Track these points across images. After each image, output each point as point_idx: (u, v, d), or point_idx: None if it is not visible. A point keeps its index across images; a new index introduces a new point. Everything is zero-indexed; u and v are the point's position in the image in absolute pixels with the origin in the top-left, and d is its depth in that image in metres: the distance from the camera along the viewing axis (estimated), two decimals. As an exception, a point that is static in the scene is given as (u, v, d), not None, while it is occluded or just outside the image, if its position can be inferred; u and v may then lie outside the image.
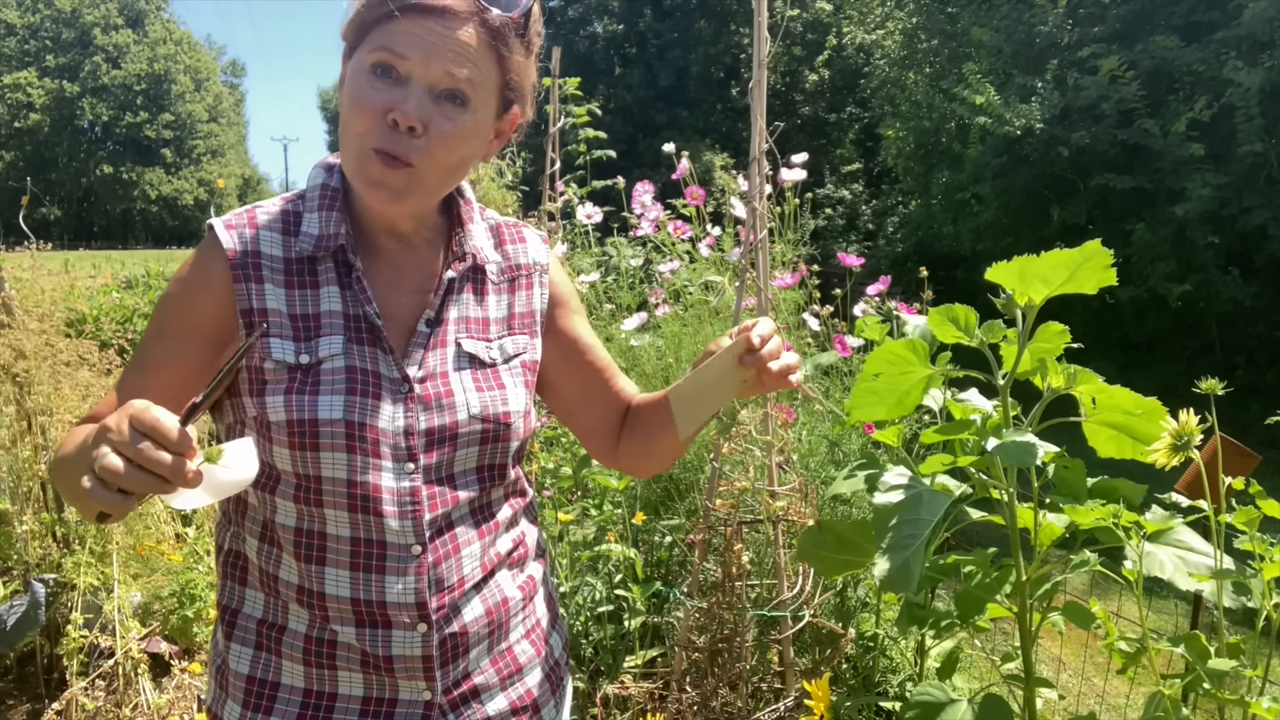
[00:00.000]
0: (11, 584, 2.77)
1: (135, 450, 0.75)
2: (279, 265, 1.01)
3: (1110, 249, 1.08)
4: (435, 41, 0.93)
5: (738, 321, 2.22)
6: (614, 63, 24.46)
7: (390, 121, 0.94)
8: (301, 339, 0.99)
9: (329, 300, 1.01)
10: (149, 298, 6.72)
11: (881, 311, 2.59)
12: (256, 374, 0.98)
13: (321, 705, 1.02)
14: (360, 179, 0.98)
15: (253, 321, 0.98)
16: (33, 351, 2.78)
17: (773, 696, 2.19)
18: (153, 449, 0.75)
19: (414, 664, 1.01)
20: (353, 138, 0.96)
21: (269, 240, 1.01)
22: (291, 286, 1.01)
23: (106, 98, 50.96)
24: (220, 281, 0.99)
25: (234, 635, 1.05)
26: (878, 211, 17.24)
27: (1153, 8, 9.23)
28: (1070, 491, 1.30)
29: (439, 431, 1.01)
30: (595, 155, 3.94)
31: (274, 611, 1.03)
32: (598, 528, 2.55)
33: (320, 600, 0.99)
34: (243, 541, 1.05)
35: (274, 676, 1.03)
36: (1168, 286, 8.29)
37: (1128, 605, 3.21)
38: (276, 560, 1.01)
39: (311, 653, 1.01)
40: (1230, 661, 1.22)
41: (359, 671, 1.01)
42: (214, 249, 1.00)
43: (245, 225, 1.02)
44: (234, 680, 1.04)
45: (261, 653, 1.03)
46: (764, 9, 2.06)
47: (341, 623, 1.00)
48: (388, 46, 0.93)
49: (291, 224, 1.03)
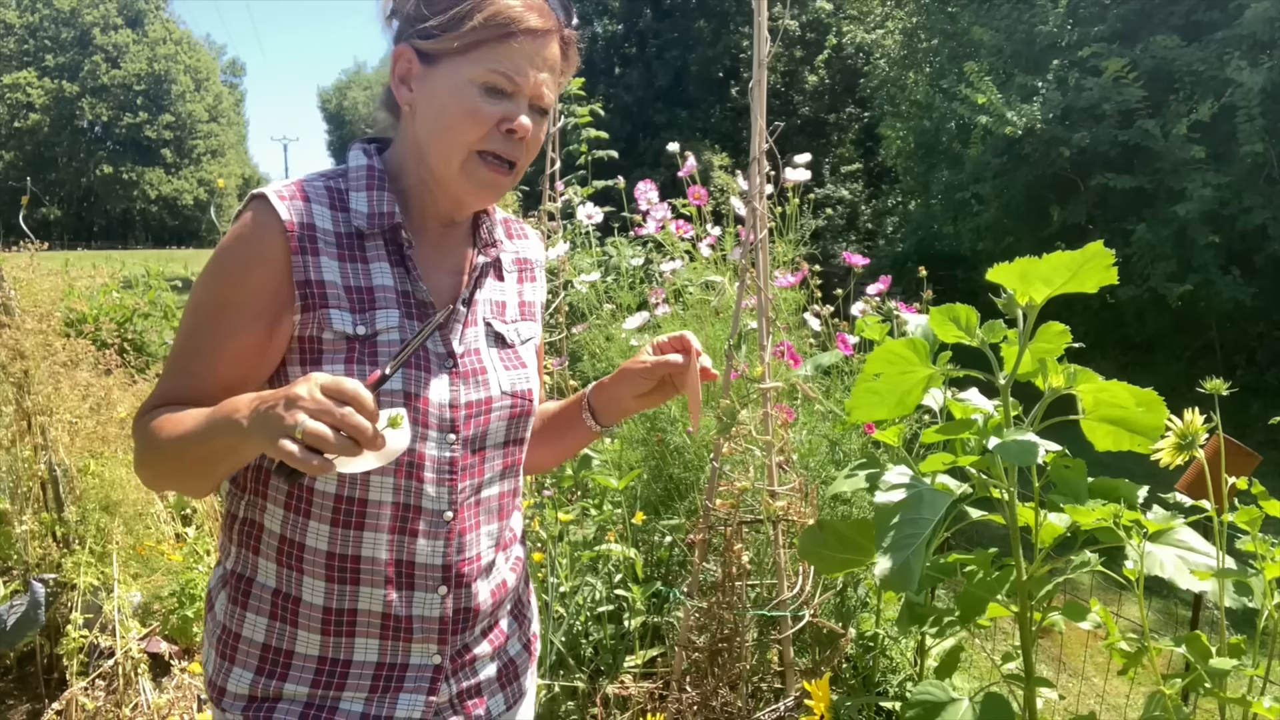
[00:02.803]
0: (11, 584, 2.77)
1: (338, 417, 0.82)
2: (330, 238, 1.03)
3: (1110, 249, 1.08)
4: (537, 62, 1.03)
5: (738, 321, 2.22)
6: (614, 63, 24.44)
7: (506, 130, 1.03)
8: (357, 310, 1.02)
9: (380, 275, 1.05)
10: (149, 297, 6.71)
11: (881, 311, 2.59)
12: (312, 343, 1.01)
13: (336, 671, 1.05)
14: (468, 179, 1.05)
15: (309, 293, 1.00)
16: (32, 351, 2.77)
17: (773, 696, 2.19)
18: (355, 415, 0.83)
19: (431, 625, 1.06)
20: (462, 143, 1.03)
21: (320, 214, 1.03)
22: (344, 260, 1.03)
23: (106, 98, 50.93)
24: (277, 253, 1.00)
25: (248, 605, 1.07)
26: (878, 211, 17.25)
27: (1153, 7, 9.23)
28: (1071, 491, 1.29)
29: (477, 406, 1.08)
30: (597, 155, 3.94)
31: (288, 582, 1.05)
32: (598, 528, 2.55)
33: (355, 563, 1.03)
34: (260, 510, 1.07)
35: (288, 645, 1.05)
36: (1168, 286, 8.28)
37: (1127, 607, 3.21)
38: (303, 528, 1.03)
39: (330, 623, 1.04)
40: (1232, 661, 1.22)
41: (375, 638, 1.06)
42: (268, 221, 1.00)
43: (297, 197, 1.02)
44: (245, 648, 1.06)
45: (276, 622, 1.06)
46: (764, 9, 2.05)
47: (371, 584, 1.04)
48: (504, 72, 1.02)
49: (337, 200, 1.05)
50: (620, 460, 2.69)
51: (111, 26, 51.55)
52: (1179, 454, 1.17)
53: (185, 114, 54.50)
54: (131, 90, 51.62)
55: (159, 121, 52.80)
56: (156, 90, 52.94)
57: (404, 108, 1.07)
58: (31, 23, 49.84)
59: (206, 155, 56.99)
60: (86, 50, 50.57)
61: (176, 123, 53.88)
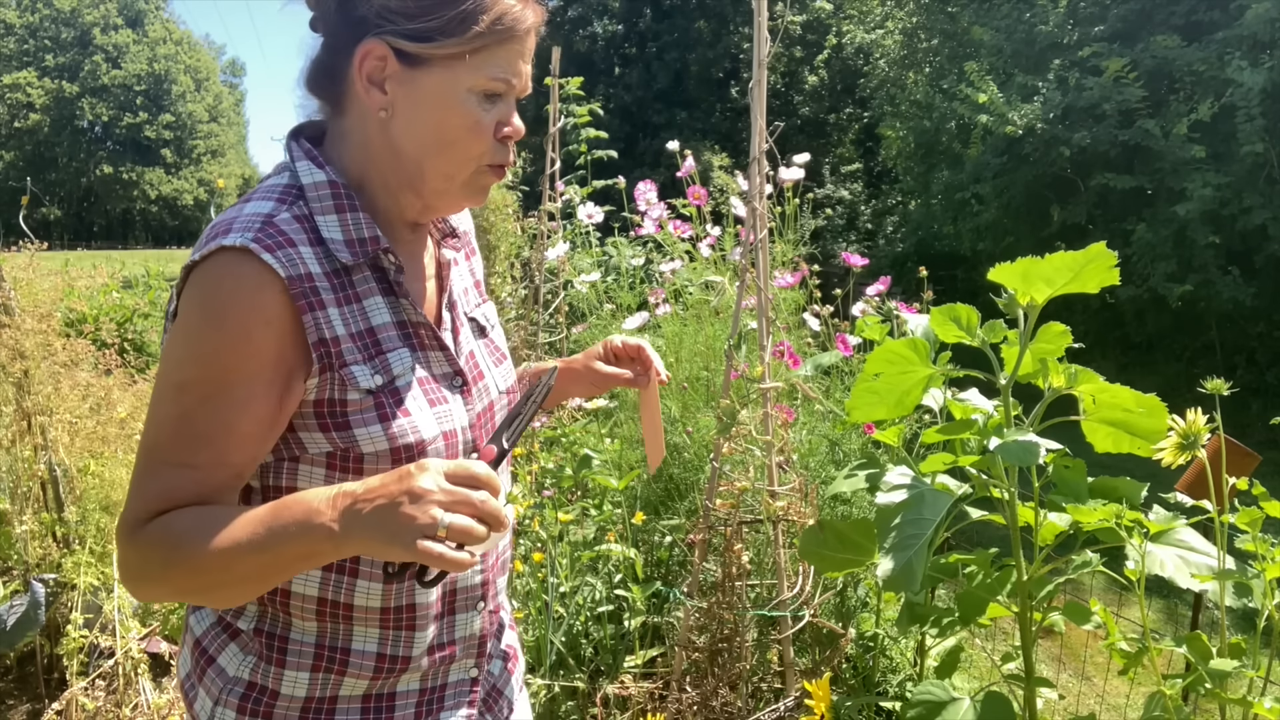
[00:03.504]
0: (11, 584, 2.77)
1: (478, 507, 0.78)
2: (324, 282, 0.91)
3: (1111, 249, 1.08)
4: (526, 56, 0.99)
5: (738, 321, 2.22)
6: (613, 63, 24.44)
7: (502, 138, 0.98)
8: (366, 359, 0.93)
9: (376, 313, 0.95)
10: (149, 297, 6.72)
11: (881, 311, 2.59)
12: (333, 406, 0.92)
13: (383, 707, 1.02)
14: (467, 192, 1.00)
15: (326, 353, 0.90)
16: (32, 351, 2.77)
17: (773, 696, 2.19)
18: (491, 501, 0.79)
19: (472, 643, 1.06)
20: (470, 159, 0.97)
21: (307, 256, 0.90)
22: (340, 304, 0.92)
23: (106, 98, 50.93)
24: (280, 314, 0.88)
25: (286, 662, 0.99)
26: (878, 211, 17.24)
27: (1153, 7, 9.22)
28: (1071, 491, 1.29)
29: (484, 415, 1.05)
30: (596, 155, 3.94)
31: (333, 637, 0.99)
32: (598, 528, 2.55)
33: (409, 611, 0.99)
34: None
35: (332, 691, 1.00)
36: (1168, 286, 8.27)
37: (1127, 607, 3.21)
38: (350, 588, 0.97)
39: (384, 669, 1.00)
40: (1233, 662, 1.22)
41: (418, 671, 1.03)
42: (260, 278, 0.87)
43: (282, 243, 0.89)
44: (283, 704, 0.99)
45: (319, 674, 0.99)
46: (764, 9, 2.05)
47: (424, 627, 1.01)
48: (502, 77, 0.96)
49: (309, 231, 0.92)
50: (620, 460, 2.69)
51: (111, 26, 51.55)
52: (1181, 454, 1.17)
53: (185, 114, 54.50)
54: (131, 90, 51.62)
55: (159, 121, 52.79)
56: (156, 90, 52.94)
57: (376, 112, 0.94)
58: (31, 23, 49.84)
59: (206, 155, 56.98)
60: (86, 50, 50.56)
61: (176, 123, 53.88)
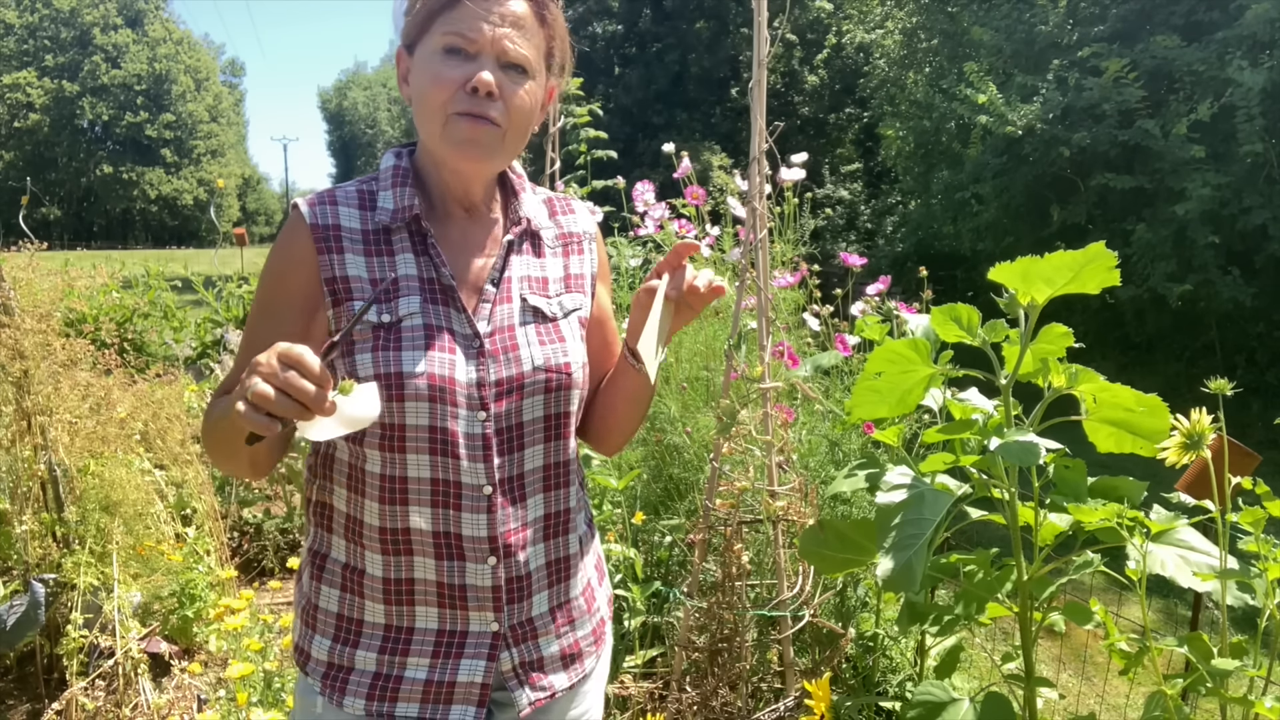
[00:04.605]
0: (11, 584, 2.76)
1: (283, 380, 0.88)
2: (358, 236, 1.12)
3: (1111, 249, 1.08)
4: (493, 18, 1.08)
5: (737, 321, 2.22)
6: (614, 63, 24.43)
7: (470, 89, 1.07)
8: (382, 300, 1.10)
9: (405, 266, 1.12)
10: (149, 297, 6.71)
11: (881, 311, 2.59)
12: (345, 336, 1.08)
13: (400, 638, 1.14)
14: (448, 142, 1.09)
15: (336, 289, 1.10)
16: (32, 351, 2.77)
17: (773, 696, 2.19)
18: (298, 378, 0.89)
19: (484, 594, 1.13)
20: (435, 109, 1.08)
21: (348, 215, 1.13)
22: (370, 255, 1.12)
23: (106, 97, 50.88)
24: (306, 255, 1.10)
25: (323, 578, 1.17)
26: (877, 211, 17.22)
27: (1153, 7, 9.22)
28: (1071, 491, 1.29)
29: (507, 382, 1.12)
30: (596, 155, 3.93)
31: (354, 556, 1.14)
32: (598, 528, 2.55)
33: (405, 535, 1.11)
34: (330, 493, 1.16)
35: (358, 614, 1.14)
36: (1168, 286, 8.27)
37: (1128, 607, 3.21)
38: (361, 506, 1.12)
39: (391, 593, 1.12)
40: (1234, 661, 1.22)
41: (434, 606, 1.13)
42: (298, 226, 1.12)
43: (325, 202, 1.13)
44: (323, 617, 1.16)
45: (346, 594, 1.15)
46: (764, 9, 2.05)
47: (423, 554, 1.11)
48: (457, 31, 1.07)
49: (367, 200, 1.15)
50: (620, 460, 2.69)
51: (111, 26, 51.50)
52: (1186, 453, 1.17)
53: (185, 114, 54.43)
54: (131, 90, 51.57)
55: (159, 121, 52.72)
56: (156, 90, 52.89)
57: (409, 102, 1.13)
58: (31, 23, 49.78)
59: (206, 155, 56.92)
60: (86, 50, 50.52)
61: (176, 123, 53.81)
